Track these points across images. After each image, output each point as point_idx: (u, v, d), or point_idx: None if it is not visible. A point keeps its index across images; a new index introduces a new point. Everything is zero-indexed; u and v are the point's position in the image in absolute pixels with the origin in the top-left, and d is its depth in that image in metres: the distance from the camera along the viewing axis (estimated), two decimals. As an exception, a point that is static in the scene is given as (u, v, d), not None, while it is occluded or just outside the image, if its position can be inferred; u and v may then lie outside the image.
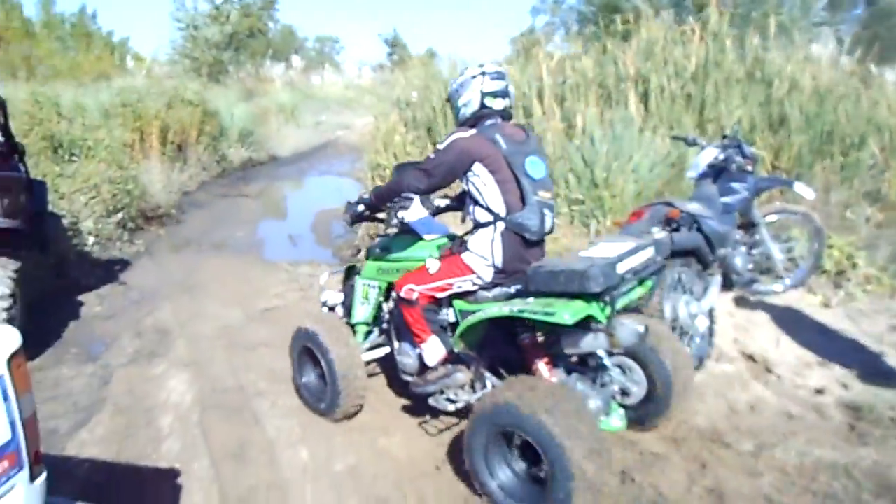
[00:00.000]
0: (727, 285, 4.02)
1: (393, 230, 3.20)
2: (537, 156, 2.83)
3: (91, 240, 7.09)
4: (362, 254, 5.15)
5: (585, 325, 2.55)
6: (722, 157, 4.06)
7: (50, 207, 6.03)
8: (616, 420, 2.80)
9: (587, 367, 2.86)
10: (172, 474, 3.07)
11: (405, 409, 3.57)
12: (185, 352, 4.58)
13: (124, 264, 6.91)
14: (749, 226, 4.17)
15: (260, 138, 15.26)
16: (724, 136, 4.29)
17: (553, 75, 6.75)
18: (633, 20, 7.22)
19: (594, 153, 5.57)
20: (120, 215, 7.87)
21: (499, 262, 2.79)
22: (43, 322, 4.97)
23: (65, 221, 6.76)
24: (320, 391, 3.47)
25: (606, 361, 2.83)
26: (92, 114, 9.50)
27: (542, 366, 2.83)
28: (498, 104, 2.86)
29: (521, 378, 2.68)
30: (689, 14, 7.65)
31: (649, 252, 2.71)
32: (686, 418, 3.29)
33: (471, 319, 2.78)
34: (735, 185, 4.00)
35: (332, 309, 3.70)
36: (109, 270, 6.61)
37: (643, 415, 3.08)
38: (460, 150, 2.76)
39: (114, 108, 10.17)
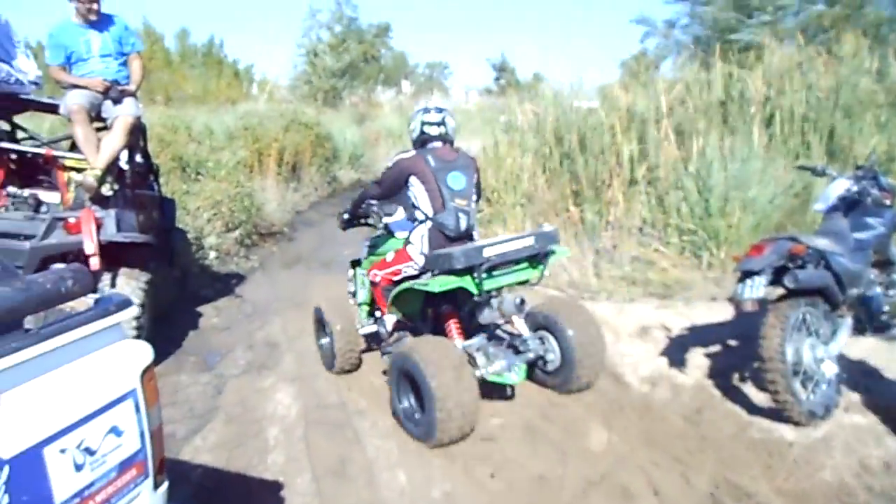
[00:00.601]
0: (859, 329, 3.69)
1: (382, 231, 4.22)
2: (460, 171, 3.74)
3: (212, 254, 7.57)
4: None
5: (481, 297, 3.54)
6: (855, 188, 3.74)
7: (177, 223, 6.51)
8: (514, 375, 3.64)
9: (513, 336, 3.92)
10: (276, 487, 3.17)
11: (502, 442, 3.52)
12: (292, 366, 4.76)
13: (240, 278, 7.31)
14: (886, 264, 3.82)
15: (368, 161, 15.83)
16: (859, 167, 3.98)
17: (668, 100, 6.56)
18: (754, 44, 6.90)
19: (710, 181, 5.35)
20: (238, 232, 8.37)
21: (426, 251, 3.68)
22: (166, 330, 5.32)
23: (189, 236, 7.26)
24: (328, 351, 4.49)
25: (525, 333, 3.81)
26: (217, 136, 10.23)
27: (453, 329, 3.75)
28: (434, 131, 3.82)
29: (425, 337, 3.64)
30: (819, 34, 7.21)
31: (528, 241, 3.54)
32: (811, 472, 3.04)
33: (392, 293, 3.82)
34: (870, 219, 3.67)
35: (353, 294, 4.62)
36: (227, 284, 7.01)
37: (560, 380, 3.84)
38: (401, 167, 3.73)
39: (237, 131, 10.92)
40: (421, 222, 3.76)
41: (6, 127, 5.23)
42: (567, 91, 8.08)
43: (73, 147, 5.09)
